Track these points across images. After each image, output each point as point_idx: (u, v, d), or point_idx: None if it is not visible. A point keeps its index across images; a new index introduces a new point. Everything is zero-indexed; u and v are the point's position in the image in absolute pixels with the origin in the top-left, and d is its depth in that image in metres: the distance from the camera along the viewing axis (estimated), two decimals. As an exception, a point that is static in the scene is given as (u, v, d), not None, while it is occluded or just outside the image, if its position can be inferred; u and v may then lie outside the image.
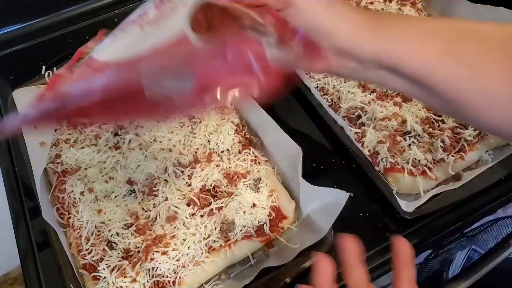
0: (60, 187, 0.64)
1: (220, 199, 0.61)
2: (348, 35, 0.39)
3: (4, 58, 0.90)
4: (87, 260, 0.57)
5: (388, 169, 0.65)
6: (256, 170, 0.65)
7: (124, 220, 0.60)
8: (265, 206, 0.61)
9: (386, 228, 0.62)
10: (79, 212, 0.61)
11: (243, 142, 0.68)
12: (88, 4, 0.96)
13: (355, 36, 0.39)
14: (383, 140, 0.67)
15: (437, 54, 0.38)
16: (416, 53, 0.38)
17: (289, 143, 0.63)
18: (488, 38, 0.38)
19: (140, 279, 0.54)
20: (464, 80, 0.37)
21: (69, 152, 0.66)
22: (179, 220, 0.59)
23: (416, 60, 0.38)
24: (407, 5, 0.87)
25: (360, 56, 0.39)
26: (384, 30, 0.39)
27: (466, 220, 0.63)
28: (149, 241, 0.57)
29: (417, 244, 0.61)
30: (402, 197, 0.63)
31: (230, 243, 0.58)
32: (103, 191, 0.63)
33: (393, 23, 0.39)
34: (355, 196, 0.64)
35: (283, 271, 0.56)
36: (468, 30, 0.39)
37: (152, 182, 0.63)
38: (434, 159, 0.66)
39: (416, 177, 0.64)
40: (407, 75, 0.39)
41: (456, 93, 0.38)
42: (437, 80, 0.38)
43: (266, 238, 0.59)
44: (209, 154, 0.66)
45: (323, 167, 0.69)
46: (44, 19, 0.94)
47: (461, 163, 0.66)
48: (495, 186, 0.64)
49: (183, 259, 0.56)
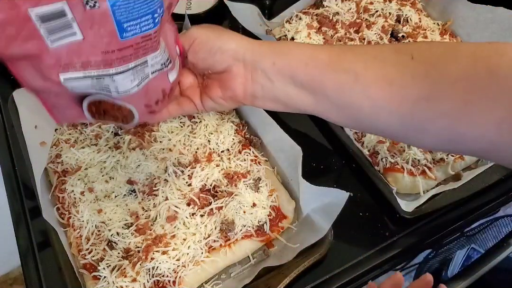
0: (60, 187, 0.64)
1: (220, 199, 0.61)
2: (249, 51, 0.47)
3: (4, 58, 0.89)
4: (87, 260, 0.57)
5: (388, 169, 0.65)
6: (256, 170, 0.65)
7: (124, 220, 0.60)
8: (265, 205, 0.61)
9: (386, 228, 0.62)
10: (80, 212, 0.61)
11: (243, 142, 0.68)
12: (88, 4, 0.96)
13: (256, 50, 0.47)
14: (383, 140, 0.67)
15: (324, 63, 0.44)
16: (307, 62, 0.45)
17: (289, 143, 0.63)
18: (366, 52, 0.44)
19: (140, 278, 0.54)
20: (349, 84, 0.43)
21: (69, 152, 0.66)
22: (179, 219, 0.59)
23: (308, 68, 0.45)
24: (407, 5, 0.87)
25: (264, 65, 0.47)
26: (279, 47, 0.48)
27: (466, 220, 0.63)
28: (149, 240, 0.57)
29: (417, 243, 0.61)
30: (402, 197, 0.63)
31: (230, 243, 0.58)
32: (103, 190, 0.63)
33: (288, 45, 0.49)
34: (355, 196, 0.64)
35: (283, 270, 0.56)
36: (349, 49, 0.47)
37: (152, 182, 0.63)
38: (433, 159, 0.66)
39: (416, 177, 0.64)
40: (304, 83, 0.46)
41: (345, 97, 0.44)
42: (329, 86, 0.44)
43: (266, 237, 0.60)
44: (209, 154, 0.66)
45: (323, 167, 0.69)
46: (44, 19, 0.94)
47: (461, 163, 0.66)
48: (494, 186, 0.64)
49: (183, 259, 0.56)
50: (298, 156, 0.61)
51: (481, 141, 0.39)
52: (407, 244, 0.61)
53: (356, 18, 0.85)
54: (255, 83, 0.49)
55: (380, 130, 0.48)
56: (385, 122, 0.44)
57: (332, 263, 0.59)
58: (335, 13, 0.86)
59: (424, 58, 0.41)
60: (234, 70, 0.49)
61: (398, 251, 0.60)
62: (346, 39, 0.82)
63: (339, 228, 0.59)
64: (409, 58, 0.41)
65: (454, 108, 0.39)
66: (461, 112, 0.39)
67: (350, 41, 0.81)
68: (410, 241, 0.61)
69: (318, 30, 0.84)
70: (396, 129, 0.44)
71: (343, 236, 0.60)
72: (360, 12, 0.86)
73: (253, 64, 0.48)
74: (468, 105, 0.39)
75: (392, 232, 0.62)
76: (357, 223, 0.63)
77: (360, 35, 0.82)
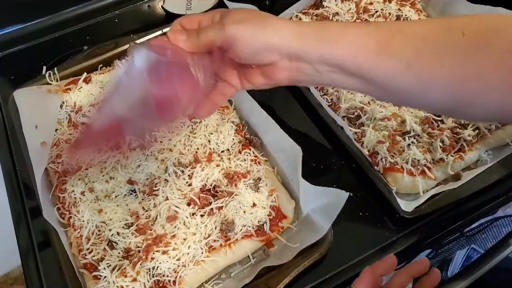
0: (61, 187, 0.64)
1: (220, 199, 0.61)
2: (294, 43, 0.44)
3: (5, 58, 0.90)
4: (88, 260, 0.57)
5: (388, 169, 0.65)
6: (256, 170, 0.65)
7: (125, 220, 0.60)
8: (265, 205, 0.61)
9: (386, 228, 0.62)
10: (80, 211, 0.61)
11: (243, 142, 0.68)
12: (88, 4, 0.96)
13: (301, 42, 0.44)
14: (383, 140, 0.67)
15: (373, 51, 0.43)
16: (356, 52, 0.44)
17: (289, 143, 0.63)
18: (415, 34, 0.44)
19: (141, 278, 0.54)
20: (400, 71, 0.43)
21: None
22: (180, 219, 0.59)
23: (357, 57, 0.43)
24: (407, 5, 0.87)
25: (310, 58, 0.45)
26: (326, 36, 0.45)
27: (465, 219, 0.63)
28: (150, 240, 0.57)
29: (417, 243, 0.61)
30: (402, 197, 0.63)
31: (230, 243, 0.58)
32: (104, 190, 0.63)
33: (333, 30, 0.45)
34: (355, 196, 0.64)
35: (283, 270, 0.56)
36: (398, 30, 0.45)
37: (153, 182, 0.64)
38: (433, 159, 0.66)
39: (416, 177, 0.64)
40: (352, 72, 0.44)
41: (396, 83, 0.43)
42: (378, 74, 0.43)
43: (266, 237, 0.60)
44: (209, 154, 0.66)
45: (323, 167, 0.70)
46: (44, 19, 0.94)
47: (461, 163, 0.66)
48: (494, 186, 0.64)
49: (183, 259, 0.56)
50: (298, 156, 0.61)
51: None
52: (406, 244, 0.61)
53: (356, 19, 0.86)
54: (300, 73, 0.47)
55: (429, 107, 0.49)
56: (435, 100, 0.44)
57: (332, 263, 0.59)
58: (335, 14, 0.86)
59: (475, 32, 0.41)
60: (279, 64, 0.46)
61: (397, 251, 0.60)
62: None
63: (339, 228, 0.59)
64: (459, 35, 0.41)
65: (505, 81, 0.40)
66: (510, 84, 0.40)
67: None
68: (410, 241, 0.61)
69: (318, 31, 0.84)
70: (446, 105, 0.44)
71: (343, 236, 0.60)
72: (360, 12, 0.86)
73: (298, 58, 0.45)
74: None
75: (391, 232, 0.62)
76: (357, 223, 0.63)
77: (360, 35, 0.82)
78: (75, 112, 0.73)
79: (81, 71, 0.80)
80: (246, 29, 0.44)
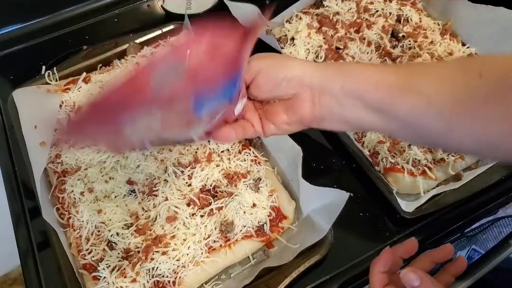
0: (60, 187, 0.64)
1: (220, 199, 0.61)
2: (316, 74, 0.46)
3: (5, 58, 0.89)
4: (87, 260, 0.57)
5: (388, 169, 0.65)
6: (256, 170, 0.65)
7: (124, 220, 0.60)
8: (265, 206, 0.61)
9: (386, 228, 0.62)
10: (79, 212, 0.61)
11: (243, 142, 0.68)
12: (88, 4, 0.96)
13: (323, 74, 0.46)
14: (383, 140, 0.67)
15: (394, 86, 0.44)
16: (377, 84, 0.44)
17: (289, 143, 0.63)
18: (433, 73, 0.44)
19: (140, 279, 0.54)
20: (422, 108, 0.43)
21: (69, 152, 0.66)
22: (179, 220, 0.59)
23: (378, 91, 0.44)
24: (407, 5, 0.87)
25: (332, 89, 0.45)
26: (347, 70, 0.47)
27: (466, 220, 0.63)
28: (149, 241, 0.57)
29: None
30: (402, 197, 0.63)
31: (230, 243, 0.58)
32: (103, 191, 0.63)
33: (354, 66, 0.48)
34: (355, 196, 0.64)
35: (283, 271, 0.56)
36: (417, 68, 0.47)
37: (152, 182, 0.63)
38: (434, 159, 0.66)
39: (416, 177, 0.64)
40: (375, 107, 0.45)
41: (418, 120, 0.43)
42: (400, 109, 0.44)
43: (266, 238, 0.59)
44: (209, 154, 0.66)
45: (323, 167, 0.69)
46: (44, 19, 0.94)
47: (461, 163, 0.66)
48: (495, 186, 0.64)
49: (183, 259, 0.56)
50: (298, 156, 0.61)
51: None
52: (407, 245, 0.61)
53: (357, 18, 0.85)
54: (323, 107, 0.47)
55: (457, 148, 0.50)
56: (459, 140, 0.43)
57: (332, 263, 0.58)
58: (335, 13, 0.86)
59: (492, 74, 0.41)
60: (302, 96, 0.47)
61: (398, 252, 0.60)
62: (346, 39, 0.82)
63: (339, 228, 0.59)
64: (477, 76, 0.41)
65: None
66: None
67: (350, 41, 0.81)
68: (411, 241, 0.61)
69: (318, 30, 0.83)
70: (472, 147, 0.44)
71: (343, 236, 0.60)
72: (361, 12, 0.86)
73: (320, 88, 0.46)
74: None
75: (392, 232, 0.62)
76: (357, 223, 0.63)
77: (361, 35, 0.82)
78: (74, 112, 0.73)
79: (81, 70, 0.80)
80: (269, 62, 0.47)
